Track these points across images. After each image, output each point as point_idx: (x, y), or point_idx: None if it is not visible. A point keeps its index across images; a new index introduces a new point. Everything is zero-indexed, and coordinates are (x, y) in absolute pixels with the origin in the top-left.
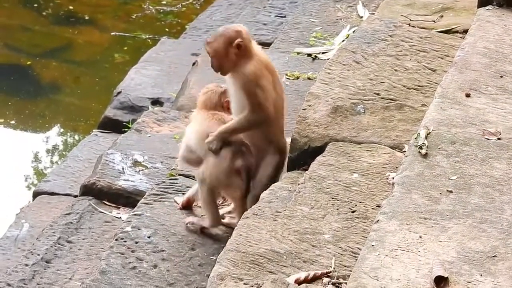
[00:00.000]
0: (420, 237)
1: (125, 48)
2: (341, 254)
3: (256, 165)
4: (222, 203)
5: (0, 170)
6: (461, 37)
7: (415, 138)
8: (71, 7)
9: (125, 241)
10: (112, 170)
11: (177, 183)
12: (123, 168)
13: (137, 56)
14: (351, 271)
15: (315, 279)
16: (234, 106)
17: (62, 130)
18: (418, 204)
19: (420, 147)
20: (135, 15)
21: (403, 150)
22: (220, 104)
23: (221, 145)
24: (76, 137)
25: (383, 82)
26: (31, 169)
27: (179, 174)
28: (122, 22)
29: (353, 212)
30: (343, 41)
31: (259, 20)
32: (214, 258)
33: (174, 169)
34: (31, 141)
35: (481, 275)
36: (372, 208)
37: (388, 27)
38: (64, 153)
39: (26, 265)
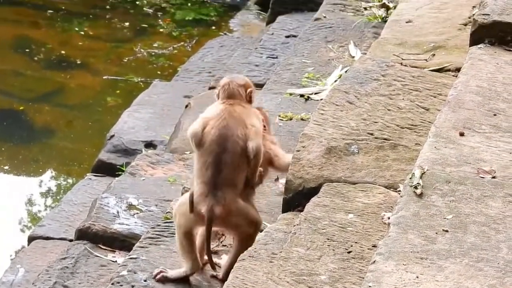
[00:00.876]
0: (417, 277)
1: (118, 91)
2: None
3: None
4: (220, 241)
5: None
6: (453, 76)
7: (410, 178)
8: (63, 52)
9: (121, 285)
10: (107, 213)
11: (172, 226)
12: (118, 212)
13: (130, 99)
14: None
15: None
16: None
17: (56, 174)
18: (414, 244)
19: (415, 187)
20: (126, 58)
21: (398, 189)
22: (240, 95)
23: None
24: (70, 181)
25: (376, 122)
26: (25, 214)
27: None
28: (114, 66)
29: (349, 252)
30: (335, 81)
31: (251, 61)
32: None
33: (169, 212)
34: (25, 186)
35: None
36: (368, 248)
37: (381, 67)
38: (58, 197)
39: None
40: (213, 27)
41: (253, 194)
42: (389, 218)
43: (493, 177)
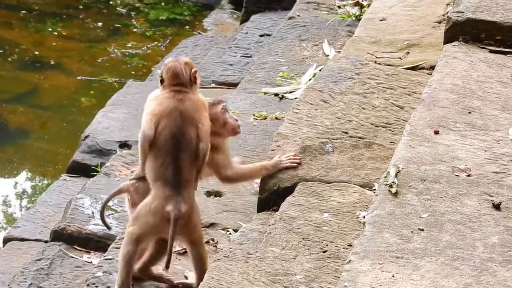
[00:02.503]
0: (393, 276)
1: (92, 91)
2: None
3: None
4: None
5: None
6: (427, 73)
7: (385, 177)
8: (36, 52)
9: (96, 286)
10: (81, 214)
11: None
12: (92, 213)
13: (104, 100)
14: None
15: None
16: None
17: (30, 175)
18: (389, 243)
19: (390, 186)
20: (100, 58)
21: (373, 188)
22: (187, 77)
23: None
24: (45, 182)
25: (351, 121)
26: (0, 215)
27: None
28: (88, 66)
29: (324, 252)
30: (309, 80)
31: (225, 60)
32: None
33: None
34: (0, 187)
35: None
36: (344, 248)
37: (355, 65)
38: (33, 198)
39: None
40: (187, 27)
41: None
42: (364, 217)
43: (468, 175)
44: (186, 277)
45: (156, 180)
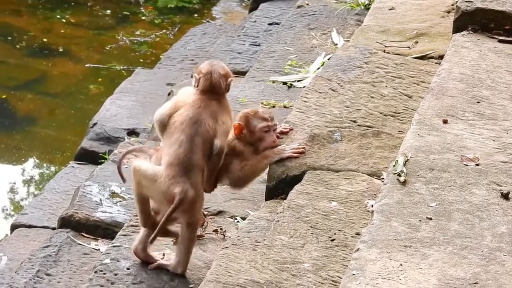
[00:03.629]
0: (401, 265)
1: (100, 79)
2: (321, 283)
3: None
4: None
5: None
6: (436, 63)
7: (394, 166)
8: (45, 39)
9: (104, 273)
10: (89, 202)
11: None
12: (100, 200)
13: (112, 87)
14: None
15: None
16: None
17: (38, 162)
18: (398, 232)
19: (399, 175)
20: (109, 46)
21: (381, 177)
22: (223, 87)
23: None
24: (53, 169)
25: (359, 109)
26: (8, 202)
27: None
28: (96, 53)
29: (332, 240)
30: (318, 68)
31: (233, 49)
32: None
33: None
34: (8, 174)
35: None
36: (352, 236)
37: (363, 54)
38: (41, 185)
39: None
40: (196, 15)
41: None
42: (372, 205)
43: (477, 165)
44: (163, 255)
45: (168, 156)
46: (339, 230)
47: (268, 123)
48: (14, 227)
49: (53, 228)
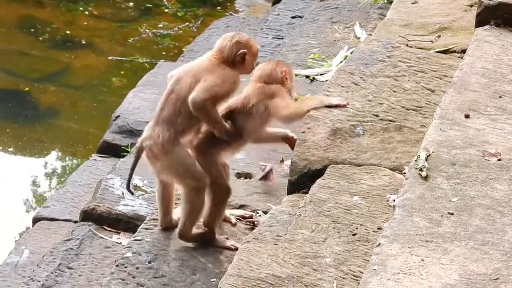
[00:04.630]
0: (422, 260)
1: (122, 72)
2: (343, 278)
3: None
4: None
5: None
6: (459, 57)
7: (415, 160)
8: (68, 32)
9: (125, 267)
10: (111, 195)
11: (176, 207)
12: (122, 193)
13: (135, 80)
14: None
15: None
16: None
17: (60, 155)
18: (419, 227)
19: (421, 169)
20: (132, 38)
21: (403, 171)
22: (230, 53)
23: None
24: (75, 162)
25: (382, 103)
26: (30, 195)
27: (179, 199)
28: (119, 46)
29: (354, 235)
30: (341, 62)
31: (256, 42)
32: (216, 282)
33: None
34: (30, 167)
35: None
36: (373, 231)
37: (386, 48)
38: (63, 178)
39: None
40: (219, 8)
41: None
42: (394, 200)
43: (499, 160)
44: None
45: None
46: (361, 225)
47: (284, 68)
48: (36, 220)
49: (75, 221)
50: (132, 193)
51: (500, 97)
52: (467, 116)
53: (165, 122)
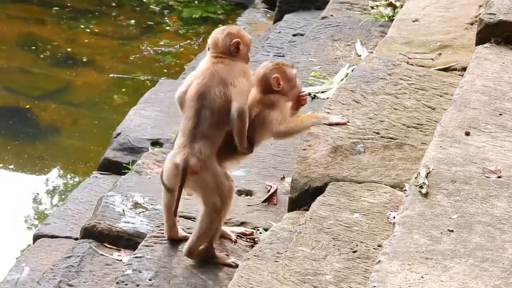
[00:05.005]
0: (422, 277)
1: (124, 89)
2: None
3: None
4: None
5: (0, 214)
6: (459, 75)
7: (416, 178)
8: (69, 49)
9: (126, 284)
10: (112, 212)
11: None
12: (123, 210)
13: (136, 97)
14: None
15: None
16: None
17: (61, 172)
18: (419, 244)
19: (421, 187)
20: (133, 56)
21: (404, 189)
22: (224, 45)
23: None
24: (76, 179)
25: (382, 121)
26: (31, 212)
27: (180, 216)
28: (120, 63)
29: (354, 252)
30: (342, 80)
31: (257, 59)
32: None
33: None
34: (31, 184)
35: None
36: (374, 248)
37: (387, 66)
38: (64, 195)
39: None
40: (220, 25)
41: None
42: (394, 217)
43: (499, 177)
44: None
45: (180, 132)
46: (361, 242)
47: (295, 69)
48: (36, 237)
49: (76, 239)
50: (175, 216)
51: (500, 114)
52: (467, 134)
53: (204, 137)
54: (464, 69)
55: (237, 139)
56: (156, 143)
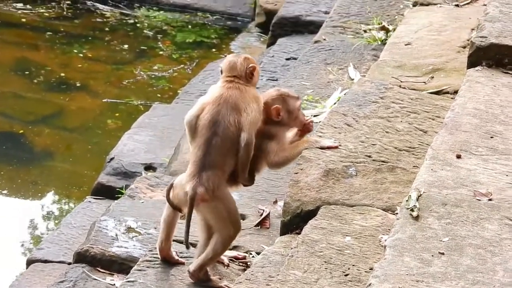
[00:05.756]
0: None
1: (117, 114)
2: None
3: None
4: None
5: None
6: (451, 98)
7: (407, 201)
8: (62, 74)
9: None
10: (105, 236)
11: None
12: (116, 235)
13: (130, 122)
14: None
15: None
16: None
17: (55, 197)
18: (410, 267)
19: (412, 210)
20: (126, 81)
21: (396, 212)
22: (242, 70)
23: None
24: (70, 204)
25: (374, 144)
26: (25, 237)
27: (173, 240)
28: (114, 88)
29: (346, 275)
30: (334, 103)
31: None
32: None
33: None
34: (25, 209)
35: None
36: (366, 271)
37: (379, 89)
38: (57, 220)
39: None
40: (214, 50)
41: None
42: (385, 240)
43: (490, 200)
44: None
45: (190, 160)
46: (353, 265)
47: (300, 101)
48: (30, 262)
49: (69, 263)
50: (188, 247)
51: (492, 137)
52: (458, 157)
53: (213, 166)
54: (456, 92)
55: (240, 169)
56: (149, 167)
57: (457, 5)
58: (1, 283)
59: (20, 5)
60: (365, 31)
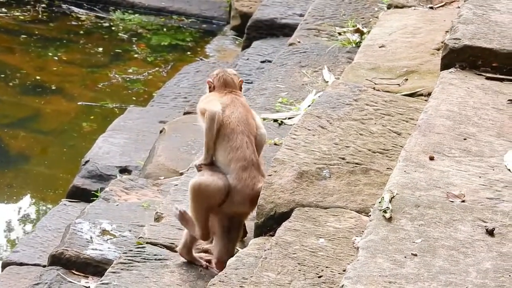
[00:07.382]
0: None
1: (92, 117)
2: None
3: None
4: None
5: None
6: (425, 100)
7: (379, 202)
8: (38, 77)
9: None
10: (80, 239)
11: (144, 251)
12: (91, 237)
13: (105, 125)
14: None
15: None
16: None
17: (30, 200)
18: (383, 268)
19: (385, 211)
20: (102, 84)
21: (369, 214)
22: (237, 83)
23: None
24: (45, 207)
25: (348, 147)
26: (0, 241)
27: (147, 242)
28: (89, 91)
29: (319, 277)
30: (309, 106)
31: None
32: None
33: (141, 237)
34: (0, 212)
35: None
36: (339, 273)
37: (353, 92)
38: (33, 223)
39: None
40: (189, 53)
41: None
42: (358, 242)
43: (463, 201)
44: None
45: (235, 162)
46: (327, 267)
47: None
48: (5, 265)
49: (44, 266)
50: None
51: (465, 139)
52: (431, 158)
53: (257, 161)
54: (430, 94)
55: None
56: (124, 170)
57: (431, 8)
58: None
59: None
60: (339, 33)
